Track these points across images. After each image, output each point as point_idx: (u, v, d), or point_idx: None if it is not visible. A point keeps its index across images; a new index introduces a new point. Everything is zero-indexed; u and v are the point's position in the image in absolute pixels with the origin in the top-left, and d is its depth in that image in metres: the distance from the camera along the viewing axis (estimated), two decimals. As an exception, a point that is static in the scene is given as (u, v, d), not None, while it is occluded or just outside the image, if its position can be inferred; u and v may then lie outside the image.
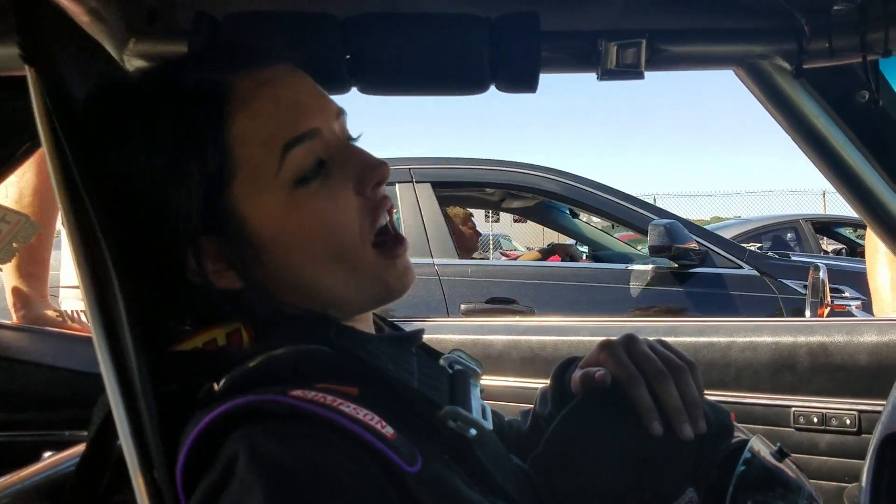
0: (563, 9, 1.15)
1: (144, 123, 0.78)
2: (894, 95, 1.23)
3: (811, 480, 1.54)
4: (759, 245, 9.81)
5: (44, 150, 0.76)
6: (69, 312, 1.86)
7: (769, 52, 1.15)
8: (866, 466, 1.09)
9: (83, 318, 1.91)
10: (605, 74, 1.14)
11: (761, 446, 1.00)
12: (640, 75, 1.15)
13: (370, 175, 0.80)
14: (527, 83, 1.13)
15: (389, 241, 0.83)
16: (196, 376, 0.72)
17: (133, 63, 1.16)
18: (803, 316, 1.98)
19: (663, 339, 0.97)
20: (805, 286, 2.31)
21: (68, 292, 2.26)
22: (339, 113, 0.84)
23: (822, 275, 1.78)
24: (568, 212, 5.18)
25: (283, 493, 0.59)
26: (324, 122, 0.80)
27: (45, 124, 0.75)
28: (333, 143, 0.81)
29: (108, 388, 0.71)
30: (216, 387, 0.69)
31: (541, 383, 1.79)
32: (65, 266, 2.33)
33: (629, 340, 0.95)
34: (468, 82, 1.13)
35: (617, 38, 1.13)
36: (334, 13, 1.10)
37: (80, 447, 1.22)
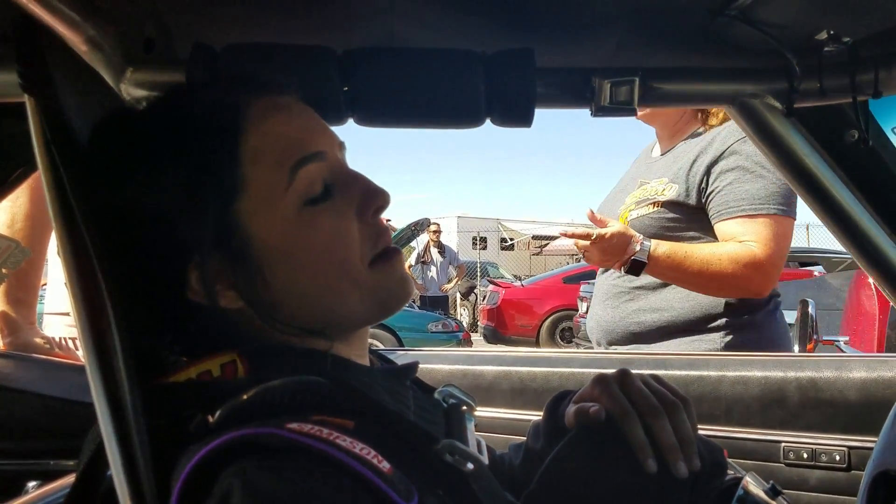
0: (558, 46, 1.17)
1: (159, 143, 0.80)
2: (883, 135, 1.24)
3: (801, 518, 1.54)
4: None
5: (41, 177, 0.76)
6: (57, 339, 1.85)
7: (760, 92, 1.16)
8: (858, 504, 1.09)
9: (70, 345, 1.89)
10: (599, 111, 1.16)
11: (754, 484, 1.00)
12: (632, 112, 1.16)
13: (372, 200, 0.83)
14: (522, 118, 1.14)
15: (383, 254, 0.84)
16: (190, 408, 0.71)
17: (130, 92, 1.16)
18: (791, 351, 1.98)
19: (656, 373, 0.98)
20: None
21: (52, 318, 2.24)
22: (341, 145, 0.88)
23: (811, 310, 1.79)
24: None
25: None
26: (329, 147, 0.84)
27: (44, 152, 0.75)
28: (337, 168, 0.84)
29: (100, 419, 0.70)
30: (210, 419, 0.69)
31: (531, 414, 1.79)
32: (50, 293, 2.31)
33: (623, 376, 0.96)
34: (464, 116, 1.14)
35: (610, 75, 1.15)
36: (333, 46, 1.11)
37: (66, 479, 1.21)
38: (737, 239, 1.86)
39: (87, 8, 1.04)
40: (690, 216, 1.96)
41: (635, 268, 1.88)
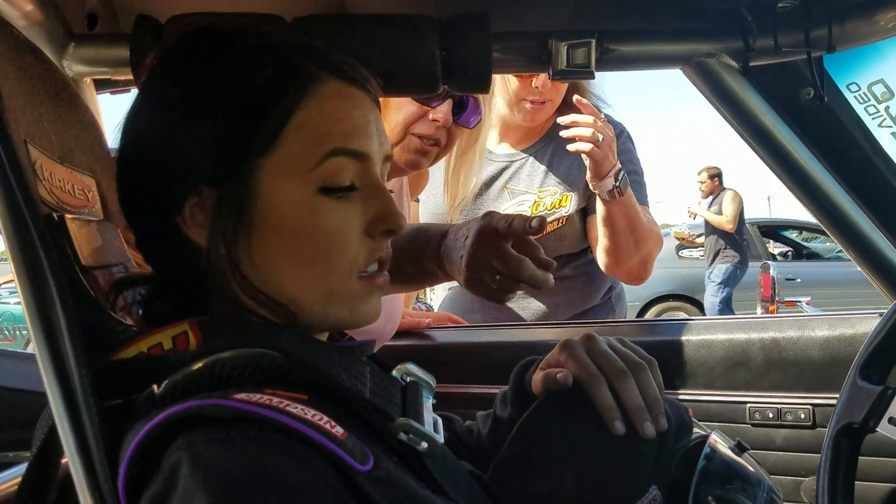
0: (514, 9, 1.15)
1: (237, 64, 0.78)
2: (838, 92, 1.25)
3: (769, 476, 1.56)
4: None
5: None
6: None
7: (716, 51, 1.16)
8: (822, 458, 1.10)
9: None
10: (557, 74, 1.15)
11: (720, 441, 1.00)
12: (590, 75, 1.16)
13: (384, 220, 0.80)
14: (480, 83, 1.13)
15: (370, 278, 0.82)
16: (140, 384, 0.69)
17: (74, 68, 1.13)
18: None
19: (622, 337, 0.97)
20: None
21: None
22: (388, 158, 0.85)
23: (773, 272, 1.81)
24: None
25: (230, 500, 0.57)
26: (374, 153, 0.81)
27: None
28: (371, 177, 0.81)
29: (50, 399, 0.68)
30: (156, 390, 0.67)
31: (501, 388, 1.79)
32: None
33: (589, 340, 0.95)
34: (420, 83, 1.12)
35: (567, 38, 1.13)
36: (283, 14, 1.08)
37: (23, 468, 1.18)
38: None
39: (24, -18, 1.00)
40: (583, 218, 2.02)
41: (618, 189, 1.80)
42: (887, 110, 1.26)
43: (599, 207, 1.87)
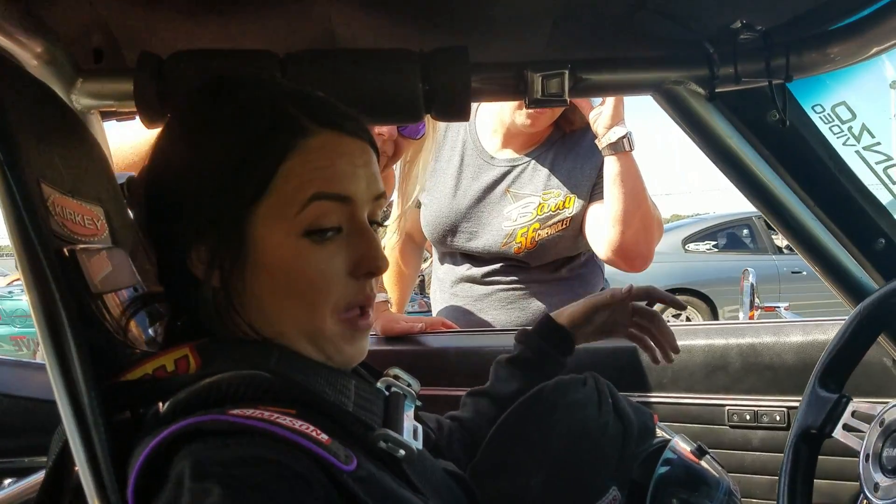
0: (492, 42, 1.22)
1: (237, 119, 0.86)
2: (803, 114, 1.31)
3: (746, 475, 1.64)
4: (713, 243, 10.07)
5: None
6: None
7: (683, 79, 1.22)
8: (783, 461, 1.16)
9: None
10: (532, 102, 1.21)
11: (683, 445, 1.08)
12: (564, 102, 1.22)
13: (365, 263, 0.87)
14: (459, 112, 1.20)
15: (352, 321, 0.88)
16: (146, 403, 0.77)
17: (82, 101, 1.20)
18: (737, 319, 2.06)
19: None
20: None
21: None
22: (379, 197, 0.91)
23: (753, 279, 1.87)
24: None
25: (235, 487, 0.65)
26: (360, 196, 0.87)
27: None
28: (357, 219, 0.87)
29: (63, 418, 0.76)
30: (161, 408, 0.75)
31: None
32: None
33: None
34: (404, 112, 1.19)
35: (542, 68, 1.20)
36: (276, 50, 1.15)
37: (41, 474, 1.26)
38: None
39: (35, 25, 1.08)
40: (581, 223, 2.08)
41: (628, 139, 1.81)
42: (850, 130, 1.32)
43: (608, 167, 1.89)
